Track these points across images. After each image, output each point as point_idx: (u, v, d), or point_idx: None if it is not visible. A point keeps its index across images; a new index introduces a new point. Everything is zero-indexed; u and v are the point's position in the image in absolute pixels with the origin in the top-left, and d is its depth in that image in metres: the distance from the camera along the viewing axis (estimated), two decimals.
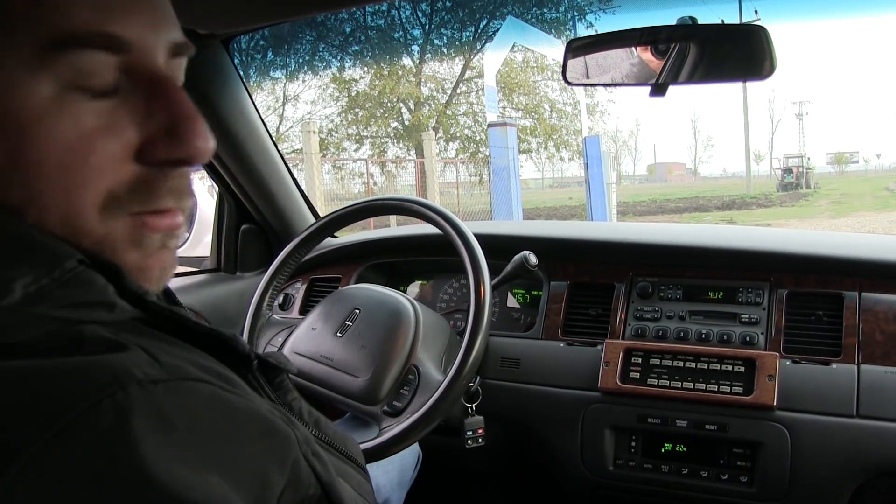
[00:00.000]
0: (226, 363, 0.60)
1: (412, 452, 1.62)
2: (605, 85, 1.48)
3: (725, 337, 1.54)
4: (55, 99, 0.52)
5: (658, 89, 1.33)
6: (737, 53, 1.29)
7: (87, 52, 0.53)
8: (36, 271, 0.50)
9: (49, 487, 0.41)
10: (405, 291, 1.90)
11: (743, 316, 1.56)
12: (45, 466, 0.41)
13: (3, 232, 0.51)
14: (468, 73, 25.92)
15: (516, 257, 1.64)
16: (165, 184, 0.58)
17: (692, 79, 1.31)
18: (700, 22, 1.29)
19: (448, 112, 26.00)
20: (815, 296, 1.55)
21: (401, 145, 26.87)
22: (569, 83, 1.43)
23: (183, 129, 0.57)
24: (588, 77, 1.44)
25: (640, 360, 1.56)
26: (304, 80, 26.14)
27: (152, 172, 0.57)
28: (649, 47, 1.33)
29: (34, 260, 0.50)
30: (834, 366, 1.44)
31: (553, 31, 21.47)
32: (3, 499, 0.40)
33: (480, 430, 1.57)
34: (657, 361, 1.54)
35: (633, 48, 1.35)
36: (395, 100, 25.56)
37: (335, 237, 2.18)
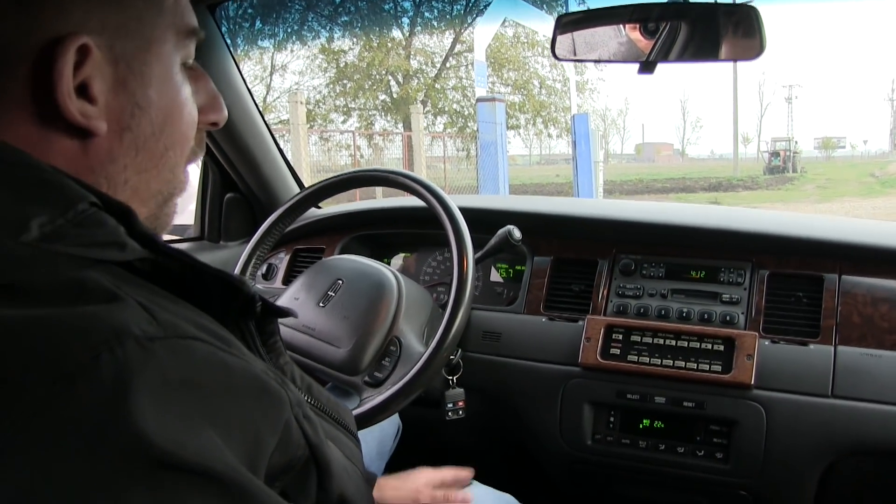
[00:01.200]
0: (227, 316, 0.62)
1: (392, 423, 1.63)
2: (593, 61, 1.47)
3: (706, 316, 1.55)
4: (181, 72, 0.68)
5: (647, 67, 1.32)
6: (727, 33, 1.29)
7: (194, 41, 0.70)
8: (52, 211, 0.52)
9: (47, 437, 0.41)
10: (389, 263, 1.90)
11: (724, 295, 1.57)
12: (44, 417, 0.42)
13: (24, 173, 0.54)
14: (458, 48, 25.83)
15: (500, 231, 1.64)
16: (202, 140, 0.75)
17: (682, 57, 1.31)
18: (691, 0, 1.29)
19: (437, 86, 25.90)
20: (796, 277, 1.56)
21: (388, 118, 26.77)
22: (558, 59, 1.42)
23: (218, 103, 0.75)
24: (577, 53, 1.43)
25: (620, 337, 1.57)
26: (292, 50, 25.97)
27: (202, 133, 0.74)
28: (639, 25, 1.33)
29: (51, 200, 0.53)
30: (811, 346, 1.46)
31: (545, 6, 21.31)
32: (3, 447, 0.40)
33: (461, 403, 1.58)
34: (638, 338, 1.55)
35: (624, 25, 1.35)
36: (383, 72, 25.42)
37: (319, 208, 2.17)
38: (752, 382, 1.43)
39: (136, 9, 0.62)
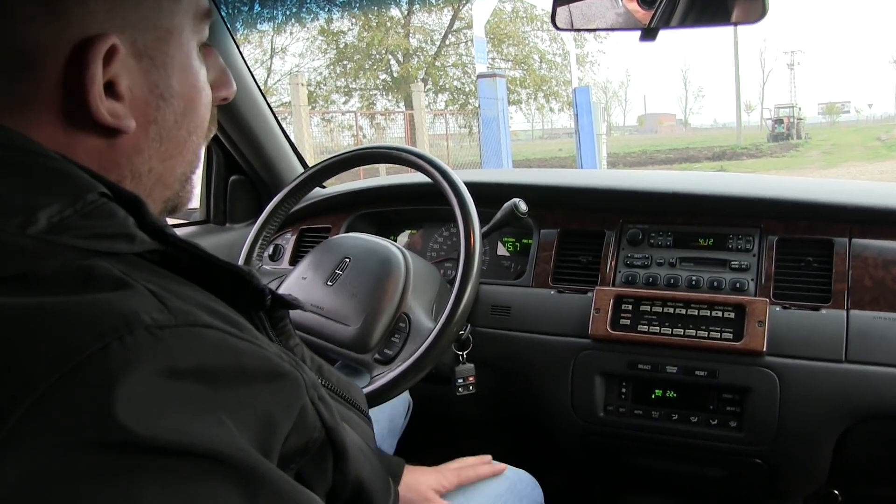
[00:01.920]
0: (237, 302, 0.62)
1: (402, 401, 1.63)
2: (594, 30, 1.46)
3: (715, 283, 1.54)
4: (198, 57, 0.68)
5: (648, 34, 1.31)
6: None
7: (207, 22, 0.69)
8: (60, 202, 0.52)
9: (56, 424, 0.41)
10: (395, 240, 1.89)
11: (733, 262, 1.56)
12: (53, 406, 0.41)
13: (34, 161, 0.54)
14: (457, 24, 25.75)
15: (506, 205, 1.63)
16: (215, 119, 0.75)
17: (683, 23, 1.29)
18: None
19: (437, 64, 25.84)
20: (805, 242, 1.55)
21: (390, 97, 26.75)
22: (558, 29, 1.41)
23: (227, 78, 0.75)
24: (577, 23, 1.42)
25: (630, 307, 1.56)
26: (291, 33, 25.96)
27: (214, 109, 0.73)
28: None
29: (59, 191, 0.53)
30: (823, 311, 1.45)
31: None
32: (13, 435, 0.40)
33: (471, 378, 1.58)
34: (647, 308, 1.55)
35: None
36: (383, 52, 25.36)
37: (324, 187, 2.17)
38: (765, 349, 1.42)
39: (156, 0, 0.62)
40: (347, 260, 1.56)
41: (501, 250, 1.93)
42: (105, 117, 0.57)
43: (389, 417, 1.56)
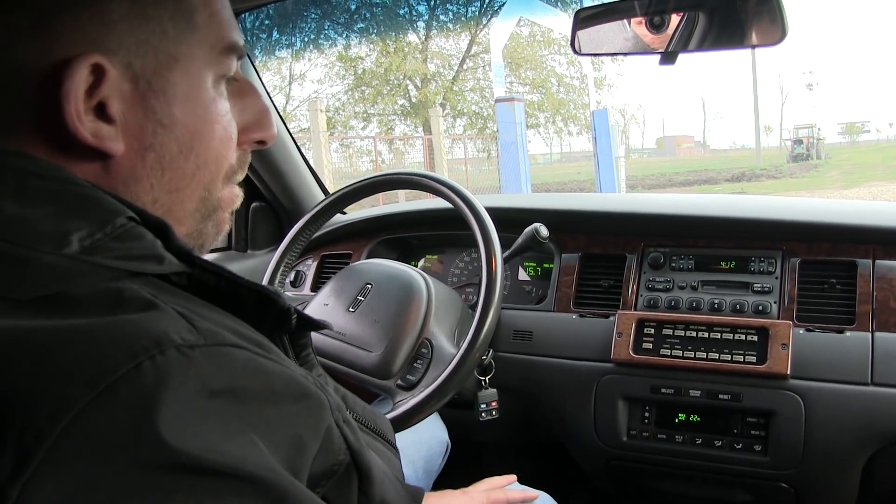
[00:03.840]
0: (263, 324, 0.63)
1: (440, 442, 1.60)
2: (614, 54, 1.46)
3: (738, 306, 1.54)
4: (214, 88, 0.67)
5: (668, 57, 1.31)
6: (747, 19, 1.27)
7: (234, 57, 0.69)
8: (91, 226, 0.54)
9: (92, 446, 0.42)
10: (416, 266, 1.90)
11: (755, 285, 1.56)
12: (89, 426, 0.42)
13: (64, 188, 0.55)
14: (474, 49, 25.83)
15: (527, 230, 1.64)
16: (246, 159, 0.74)
17: (702, 46, 1.30)
18: None
19: (455, 88, 25.92)
20: (828, 264, 1.54)
21: (408, 122, 26.83)
22: (578, 54, 1.42)
23: (266, 120, 0.74)
24: (597, 48, 1.42)
25: (652, 331, 1.55)
26: (309, 59, 26.16)
27: (243, 151, 0.73)
28: (658, 15, 1.32)
29: (90, 215, 0.54)
30: (848, 334, 1.43)
31: (559, 3, 21.23)
32: (52, 454, 0.41)
33: (494, 403, 1.57)
34: (670, 332, 1.54)
35: (642, 16, 1.34)
36: (401, 77, 25.48)
37: (345, 213, 2.18)
38: (789, 372, 1.41)
39: (161, 25, 0.61)
40: (369, 286, 1.56)
41: (523, 275, 1.93)
42: (86, 136, 0.57)
43: (426, 458, 1.53)
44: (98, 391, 0.43)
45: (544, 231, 1.63)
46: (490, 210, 1.50)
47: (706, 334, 1.51)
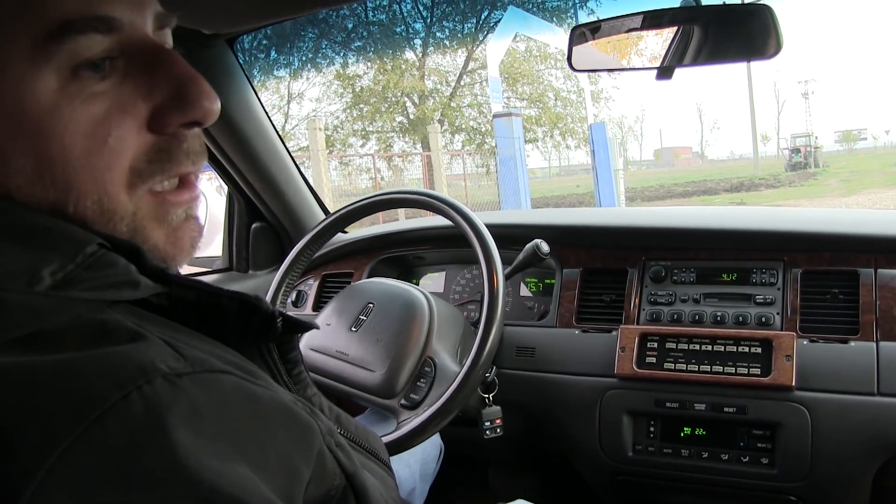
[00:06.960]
0: (249, 332, 0.62)
1: (434, 445, 1.62)
2: (611, 70, 1.47)
3: (741, 318, 1.53)
4: (62, 90, 0.54)
5: (664, 72, 1.32)
6: (741, 33, 1.28)
7: (84, 37, 0.54)
8: (61, 258, 0.51)
9: (83, 479, 0.42)
10: (417, 284, 1.89)
11: (758, 297, 1.55)
12: (79, 459, 0.42)
13: (27, 225, 0.53)
14: (471, 65, 25.89)
15: (528, 246, 1.64)
16: (180, 147, 0.62)
17: (697, 60, 1.30)
18: (703, 3, 1.28)
19: (453, 104, 25.97)
20: (830, 274, 1.54)
21: (406, 139, 26.87)
22: (575, 70, 1.42)
23: (188, 91, 0.60)
24: (594, 63, 1.43)
25: (655, 345, 1.55)
26: (307, 78, 26.23)
27: (166, 139, 0.60)
28: (653, 30, 1.33)
29: (58, 248, 0.52)
30: (852, 344, 1.43)
31: (555, 19, 21.40)
32: (39, 492, 0.40)
33: (498, 420, 1.56)
34: (673, 345, 1.54)
35: (638, 32, 1.34)
36: (399, 94, 25.53)
37: (345, 232, 2.18)
38: (794, 384, 1.40)
39: None
40: (371, 305, 1.56)
41: (524, 291, 1.92)
42: None
43: (422, 462, 1.55)
44: (86, 424, 0.43)
45: (545, 247, 1.63)
46: (490, 227, 1.51)
47: (709, 347, 1.51)
